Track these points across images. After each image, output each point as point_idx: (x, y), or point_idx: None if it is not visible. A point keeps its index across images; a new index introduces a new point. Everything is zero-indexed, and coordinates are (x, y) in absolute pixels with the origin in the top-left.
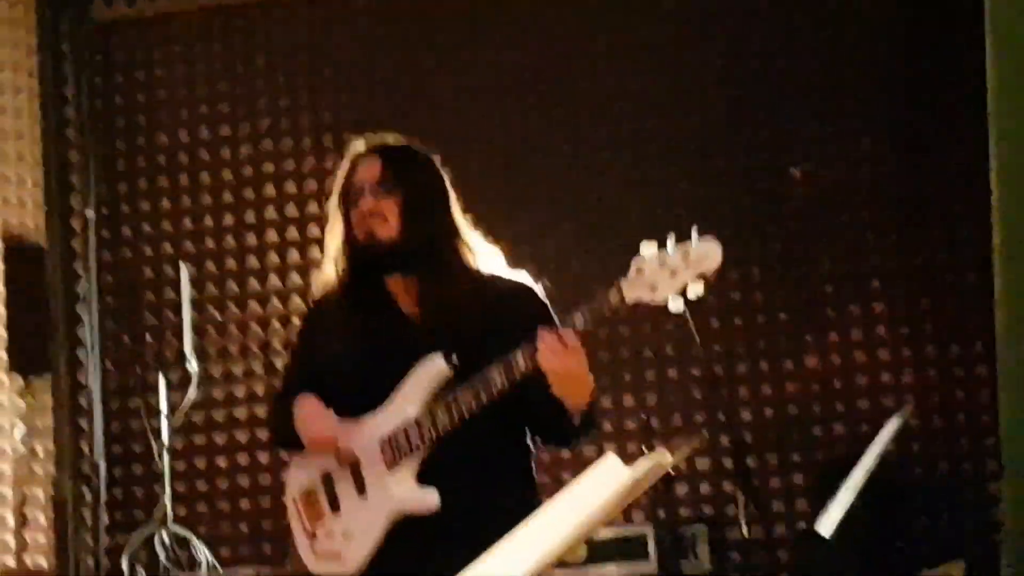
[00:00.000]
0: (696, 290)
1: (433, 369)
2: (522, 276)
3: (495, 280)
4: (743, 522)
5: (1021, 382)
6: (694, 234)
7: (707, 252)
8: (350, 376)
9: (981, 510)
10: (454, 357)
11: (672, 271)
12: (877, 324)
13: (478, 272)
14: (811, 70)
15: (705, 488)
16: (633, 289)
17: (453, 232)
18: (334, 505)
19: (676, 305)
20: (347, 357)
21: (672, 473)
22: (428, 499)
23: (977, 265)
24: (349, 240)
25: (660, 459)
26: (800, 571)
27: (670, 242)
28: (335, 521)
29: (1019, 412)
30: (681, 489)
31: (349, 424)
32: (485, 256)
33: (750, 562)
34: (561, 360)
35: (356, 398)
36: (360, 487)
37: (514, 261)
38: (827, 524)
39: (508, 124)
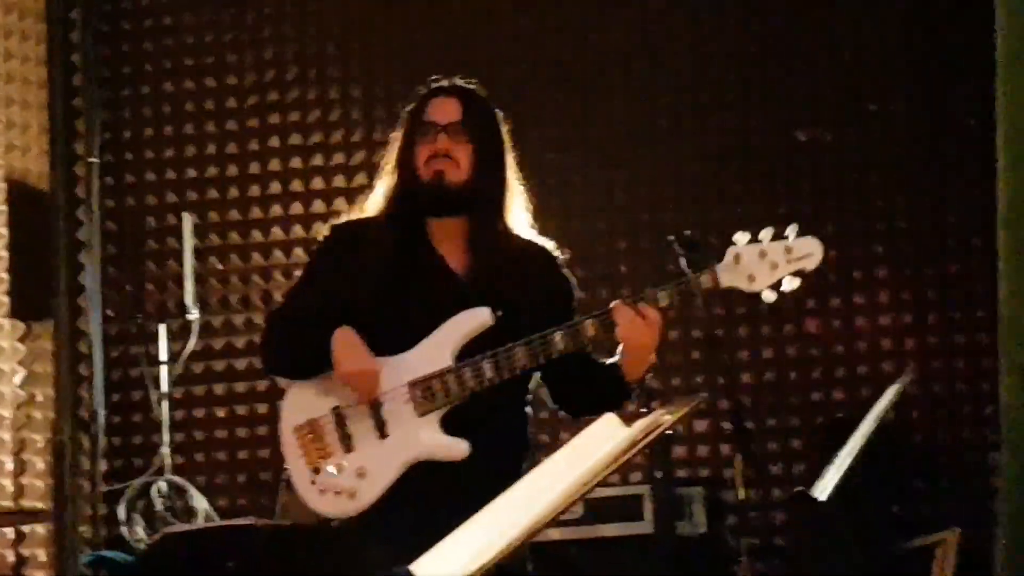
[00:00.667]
0: (792, 284)
1: (476, 319)
2: (550, 245)
3: (525, 242)
4: (740, 485)
5: (1022, 350)
6: (791, 230)
7: (810, 250)
8: (380, 311)
9: (978, 478)
10: (498, 312)
11: (773, 264)
12: (880, 289)
13: (514, 232)
14: (819, 32)
15: (703, 450)
16: (729, 276)
17: (508, 186)
18: (347, 443)
19: (769, 296)
20: (378, 290)
21: (670, 434)
22: (459, 447)
23: (981, 232)
24: (406, 172)
25: (659, 419)
26: (795, 534)
27: (766, 234)
28: (347, 458)
29: (1019, 381)
30: (679, 450)
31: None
32: (519, 213)
33: (746, 524)
34: (640, 333)
35: (383, 335)
36: (381, 428)
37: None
38: (824, 488)
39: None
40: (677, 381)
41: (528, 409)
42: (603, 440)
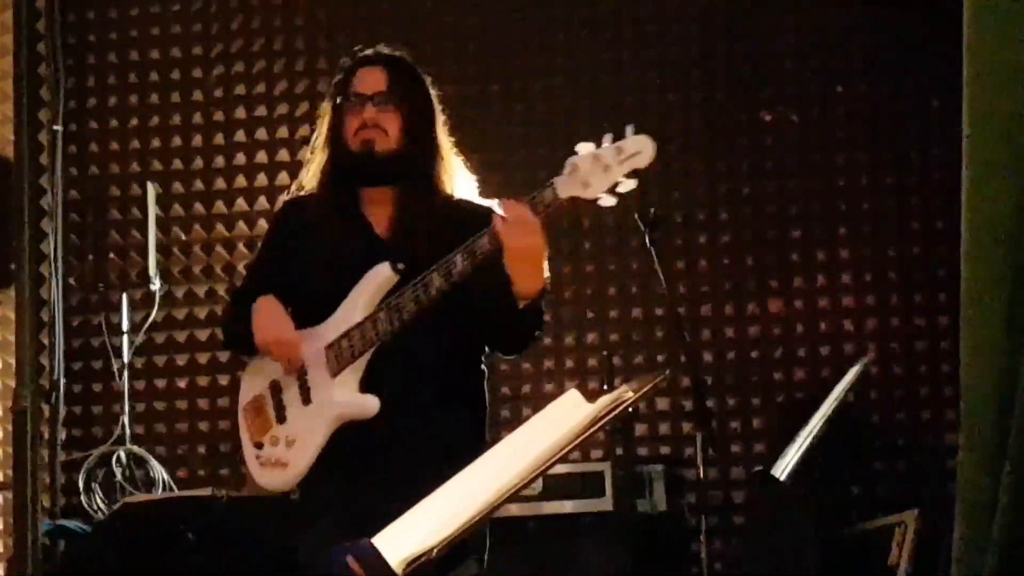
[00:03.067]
0: (628, 186)
1: (379, 276)
2: (492, 204)
3: (465, 204)
4: (700, 464)
5: (982, 333)
6: (629, 131)
7: (639, 147)
8: (314, 282)
9: (938, 460)
10: (400, 265)
11: (605, 167)
12: (842, 270)
13: (450, 195)
14: (784, 13)
15: (664, 428)
16: (567, 187)
17: (438, 151)
18: (280, 414)
19: (608, 201)
20: (313, 263)
21: (632, 411)
22: (367, 404)
23: (944, 215)
24: (337, 145)
25: (621, 396)
26: (755, 513)
27: (606, 140)
28: (280, 429)
29: (979, 363)
30: (640, 428)
31: (304, 334)
32: (461, 180)
33: (706, 503)
34: (522, 232)
35: (316, 305)
36: (305, 395)
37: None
38: (784, 468)
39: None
40: (639, 359)
41: (483, 367)
42: (565, 416)
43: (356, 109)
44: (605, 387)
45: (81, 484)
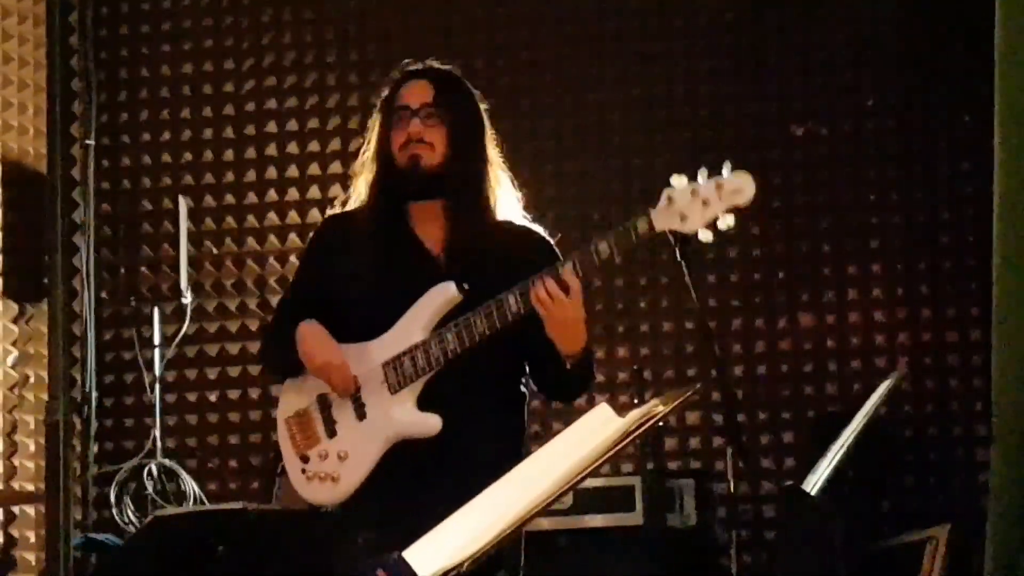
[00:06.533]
0: (727, 222)
1: (443, 295)
2: (536, 227)
3: (511, 225)
4: (731, 478)
5: (1014, 347)
6: (726, 167)
7: (741, 185)
8: (362, 298)
9: (969, 474)
10: (465, 285)
11: (704, 202)
12: (874, 284)
13: (500, 216)
14: (816, 26)
15: (694, 442)
16: (663, 218)
17: (487, 166)
18: (330, 429)
19: (706, 236)
20: (361, 278)
21: (662, 425)
22: (430, 423)
23: (976, 228)
24: (384, 159)
25: (651, 411)
26: (785, 528)
27: (701, 174)
28: (331, 444)
29: (1011, 377)
30: (670, 442)
31: (353, 349)
32: (507, 197)
33: (737, 517)
34: (555, 304)
35: (365, 321)
36: (360, 411)
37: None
38: (814, 482)
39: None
40: (670, 373)
41: (524, 389)
42: (595, 430)
43: (402, 123)
44: (635, 401)
45: (113, 497)
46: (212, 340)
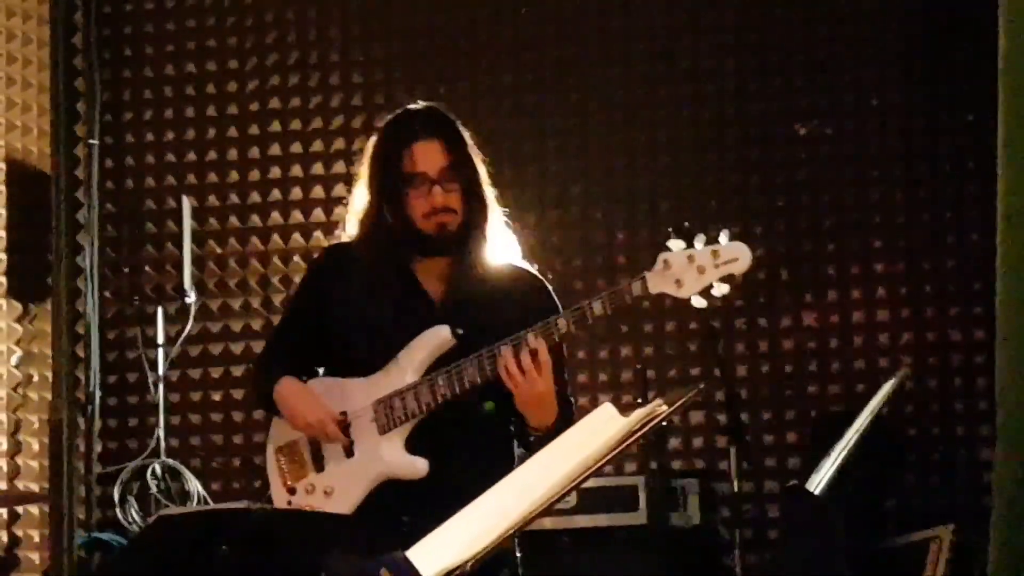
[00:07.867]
0: (722, 290)
1: (436, 338)
2: (531, 268)
3: (508, 268)
4: (734, 477)
5: (1019, 347)
6: (723, 235)
7: (737, 255)
8: (358, 333)
9: (973, 474)
10: (459, 330)
11: (700, 269)
12: (877, 284)
13: (498, 258)
14: (819, 25)
15: (698, 442)
16: (658, 282)
17: (488, 209)
18: (319, 464)
19: (700, 303)
20: (358, 313)
21: (666, 425)
22: (417, 466)
23: (979, 227)
24: (399, 221)
25: (655, 410)
26: (789, 527)
27: (699, 240)
28: (318, 479)
29: (1015, 377)
30: (674, 442)
31: (345, 384)
32: (502, 236)
33: (740, 517)
34: (525, 379)
35: (359, 356)
36: (348, 448)
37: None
38: (818, 482)
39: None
40: (673, 372)
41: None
42: (599, 430)
43: (422, 190)
44: (639, 401)
45: (116, 497)
46: (216, 339)
